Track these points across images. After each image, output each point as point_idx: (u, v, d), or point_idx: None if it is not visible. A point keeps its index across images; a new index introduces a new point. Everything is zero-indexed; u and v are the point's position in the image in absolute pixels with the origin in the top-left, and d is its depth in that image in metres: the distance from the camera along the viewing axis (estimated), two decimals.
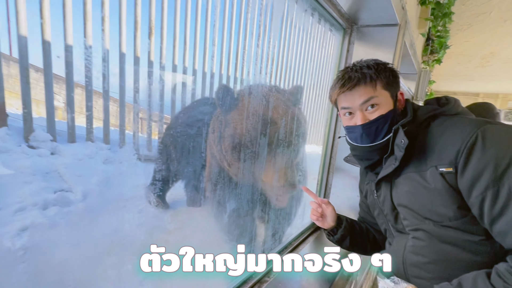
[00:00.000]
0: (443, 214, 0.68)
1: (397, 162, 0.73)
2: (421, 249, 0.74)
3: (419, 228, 0.74)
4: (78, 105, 1.05)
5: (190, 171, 1.05)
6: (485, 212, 0.61)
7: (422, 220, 0.72)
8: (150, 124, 1.31)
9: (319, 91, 1.18)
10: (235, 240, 0.86)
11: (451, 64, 4.05)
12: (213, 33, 1.20)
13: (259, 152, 0.96)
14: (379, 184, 0.83)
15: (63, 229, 0.69)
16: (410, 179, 0.73)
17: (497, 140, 0.61)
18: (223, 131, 1.00)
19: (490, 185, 0.59)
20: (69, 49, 0.88)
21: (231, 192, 0.89)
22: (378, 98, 0.74)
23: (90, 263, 0.62)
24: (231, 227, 0.87)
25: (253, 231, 0.92)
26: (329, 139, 1.20)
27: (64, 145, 1.01)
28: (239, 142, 0.95)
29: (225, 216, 0.81)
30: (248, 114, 0.97)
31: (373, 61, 0.77)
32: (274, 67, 1.14)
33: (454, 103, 0.77)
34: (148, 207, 1.10)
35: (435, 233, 0.70)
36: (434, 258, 0.72)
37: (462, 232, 0.67)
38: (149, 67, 1.17)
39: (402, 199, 0.76)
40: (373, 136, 0.76)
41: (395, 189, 0.78)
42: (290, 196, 1.05)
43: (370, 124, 0.75)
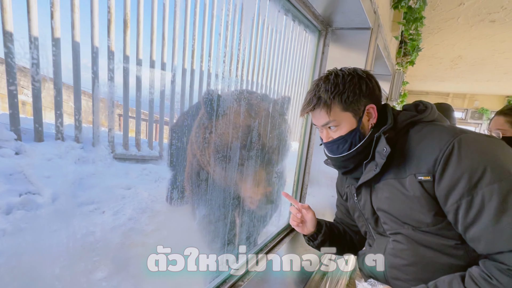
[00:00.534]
0: (421, 220, 0.71)
1: (377, 168, 0.75)
2: (401, 252, 0.77)
3: (399, 232, 0.77)
4: (47, 100, 0.99)
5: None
6: (460, 220, 0.65)
7: (401, 224, 0.75)
8: (127, 121, 1.26)
9: (295, 91, 1.20)
10: (206, 246, 0.86)
11: (423, 65, 4.27)
12: (193, 29, 1.18)
13: (235, 157, 0.96)
14: (359, 189, 0.86)
15: (29, 235, 0.65)
16: (390, 186, 0.76)
17: (471, 150, 0.64)
18: (208, 135, 0.99)
19: (465, 195, 0.62)
20: (34, 40, 0.82)
21: (206, 196, 0.88)
22: (335, 121, 0.77)
23: (59, 271, 0.59)
24: (203, 232, 0.86)
25: (226, 235, 0.92)
26: (305, 140, 1.23)
27: (31, 144, 0.95)
28: (223, 148, 0.94)
29: (195, 222, 0.81)
30: (236, 124, 0.97)
31: (334, 81, 0.77)
32: (245, 67, 1.14)
33: (431, 109, 0.80)
34: (124, 208, 1.06)
35: (414, 237, 0.74)
36: (413, 261, 0.75)
37: (439, 237, 0.70)
38: (125, 62, 1.12)
39: (382, 204, 0.79)
40: (336, 152, 0.81)
41: (375, 194, 0.81)
42: (266, 199, 1.06)
43: (331, 143, 0.80)
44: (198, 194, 0.85)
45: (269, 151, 1.02)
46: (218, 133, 0.95)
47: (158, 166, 1.43)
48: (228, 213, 0.94)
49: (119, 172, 1.20)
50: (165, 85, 1.27)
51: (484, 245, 0.62)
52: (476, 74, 4.56)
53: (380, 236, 0.86)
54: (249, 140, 0.94)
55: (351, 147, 0.78)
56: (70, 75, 1.01)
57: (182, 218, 0.92)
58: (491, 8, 2.23)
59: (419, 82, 5.97)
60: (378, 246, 0.85)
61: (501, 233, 0.59)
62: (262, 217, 1.09)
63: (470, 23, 2.57)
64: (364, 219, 0.89)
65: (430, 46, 3.31)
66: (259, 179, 0.97)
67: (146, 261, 0.68)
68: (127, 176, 1.25)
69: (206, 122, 0.99)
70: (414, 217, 0.72)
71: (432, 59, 3.93)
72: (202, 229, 0.87)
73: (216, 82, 1.09)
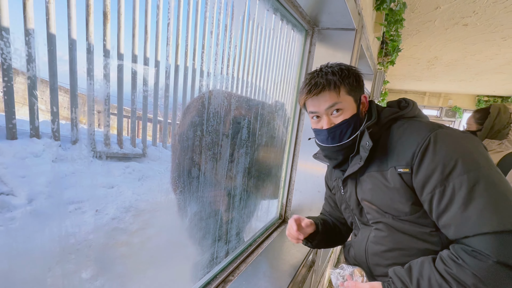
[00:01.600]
0: (400, 209, 0.76)
1: (362, 161, 0.79)
2: (381, 239, 0.82)
3: (380, 221, 0.81)
4: (20, 95, 0.93)
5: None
6: (433, 208, 0.69)
7: (383, 214, 0.80)
8: (108, 117, 1.22)
9: (282, 89, 1.21)
10: (193, 242, 0.86)
11: (403, 65, 4.45)
12: (177, 24, 1.15)
13: (225, 154, 0.96)
14: (345, 181, 0.90)
15: (3, 238, 0.61)
16: (373, 178, 0.80)
17: (446, 144, 0.68)
18: (199, 133, 0.98)
19: (438, 185, 0.67)
20: (5, 31, 0.77)
21: (197, 193, 0.87)
22: (342, 104, 0.79)
23: (38, 273, 0.57)
24: (193, 231, 0.86)
25: (216, 232, 0.92)
26: (292, 137, 1.25)
27: (3, 142, 0.89)
28: (214, 145, 0.94)
29: (186, 219, 0.80)
30: (226, 121, 0.96)
31: (338, 66, 0.82)
32: (236, 65, 1.13)
33: (412, 106, 0.85)
34: (106, 208, 1.02)
35: (393, 225, 0.79)
36: (392, 247, 0.80)
37: (416, 225, 0.75)
38: (105, 56, 1.08)
39: (366, 195, 0.83)
40: (338, 139, 0.82)
41: (360, 186, 0.85)
42: (255, 194, 1.07)
43: (335, 128, 0.81)
44: (189, 191, 0.84)
45: (258, 148, 1.03)
46: (209, 131, 0.95)
47: (142, 164, 1.40)
48: (218, 210, 0.94)
49: (101, 170, 1.16)
50: (148, 81, 1.24)
51: (453, 231, 0.67)
52: (450, 74, 4.82)
53: (364, 226, 0.90)
54: (238, 137, 0.95)
55: (352, 133, 0.80)
56: (45, 68, 0.96)
57: (169, 216, 0.91)
58: (464, 12, 2.37)
59: (399, 81, 6.21)
60: (362, 235, 0.90)
61: (468, 220, 0.63)
62: (250, 212, 1.10)
63: (445, 26, 2.71)
64: (350, 210, 0.93)
65: (409, 47, 3.45)
66: (248, 175, 0.97)
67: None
68: (109, 174, 1.21)
69: (197, 120, 0.98)
70: (394, 206, 0.77)
71: (410, 59, 4.11)
72: (192, 226, 0.87)
73: (201, 79, 1.08)
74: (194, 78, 1.16)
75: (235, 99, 1.04)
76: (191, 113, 1.05)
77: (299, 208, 1.30)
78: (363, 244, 0.88)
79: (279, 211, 1.35)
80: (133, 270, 0.81)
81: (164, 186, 0.97)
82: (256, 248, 1.04)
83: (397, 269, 0.75)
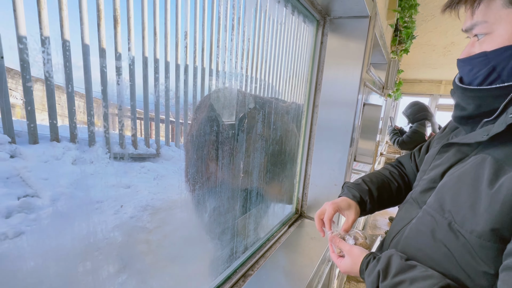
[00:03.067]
0: (472, 221, 0.49)
1: (486, 136, 0.51)
2: (417, 234, 0.60)
3: (432, 215, 0.57)
4: (38, 102, 0.97)
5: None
6: None
7: (442, 210, 0.55)
8: (122, 120, 1.25)
9: (295, 82, 1.19)
10: (217, 238, 0.87)
11: (417, 53, 4.28)
12: (185, 25, 1.15)
13: (241, 148, 0.96)
14: (447, 148, 0.64)
15: (30, 237, 0.64)
16: (479, 167, 0.52)
17: None
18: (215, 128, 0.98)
19: None
20: (22, 40, 0.80)
21: (215, 188, 0.88)
22: (484, 26, 0.50)
23: (63, 271, 0.59)
24: (211, 226, 0.87)
25: (235, 227, 0.93)
26: (306, 130, 1.23)
27: (26, 147, 0.93)
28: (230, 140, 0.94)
29: (205, 215, 0.81)
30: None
31: None
32: (249, 60, 1.12)
33: None
34: (124, 207, 1.05)
35: (441, 232, 0.54)
36: (424, 254, 0.57)
37: (474, 253, 0.49)
38: (117, 59, 1.10)
39: (451, 180, 0.57)
40: (468, 79, 0.56)
41: (456, 166, 0.58)
42: (272, 188, 1.07)
43: (463, 61, 0.56)
44: (207, 186, 0.85)
45: (273, 143, 1.02)
46: (223, 126, 0.94)
47: (156, 164, 1.43)
48: (235, 205, 0.94)
49: (118, 171, 1.19)
50: (159, 82, 1.25)
51: None
52: None
53: (414, 203, 0.67)
54: (253, 131, 0.94)
55: (491, 78, 0.51)
56: (61, 75, 0.99)
57: (185, 213, 0.93)
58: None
59: (413, 71, 5.99)
60: (406, 213, 0.68)
61: None
62: (267, 207, 1.10)
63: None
64: (421, 179, 0.69)
65: (424, 34, 3.31)
66: (265, 170, 0.97)
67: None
68: (126, 175, 1.24)
69: (213, 115, 0.99)
70: (467, 214, 0.50)
71: (425, 46, 3.94)
72: (210, 222, 0.88)
73: (211, 77, 1.08)
74: (203, 77, 1.17)
75: (249, 94, 1.03)
76: (203, 111, 1.05)
77: (316, 203, 1.28)
78: (401, 224, 0.67)
79: (295, 205, 1.34)
80: (153, 267, 0.83)
81: (178, 184, 0.98)
82: (274, 243, 1.04)
83: (396, 257, 0.57)
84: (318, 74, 1.20)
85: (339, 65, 1.13)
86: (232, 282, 0.80)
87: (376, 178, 0.87)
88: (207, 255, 0.83)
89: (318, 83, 1.20)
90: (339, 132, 1.15)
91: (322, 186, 1.22)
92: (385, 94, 2.02)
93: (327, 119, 1.19)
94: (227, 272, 0.81)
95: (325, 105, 1.19)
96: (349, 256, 0.66)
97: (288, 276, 0.85)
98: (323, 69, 1.18)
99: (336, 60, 1.14)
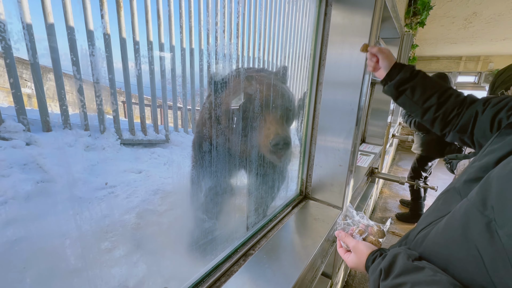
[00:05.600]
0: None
1: None
2: (448, 232, 0.51)
3: (471, 211, 0.48)
4: (50, 91, 0.99)
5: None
6: None
7: (484, 206, 0.46)
8: (131, 107, 1.26)
9: (297, 59, 1.14)
10: (214, 218, 0.89)
11: (434, 26, 4.01)
12: (189, 5, 1.12)
13: (238, 127, 0.95)
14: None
15: (49, 220, 0.68)
16: None
17: None
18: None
19: None
20: (28, 28, 0.80)
21: (211, 167, 0.89)
22: None
23: (81, 251, 0.63)
24: (209, 205, 0.88)
25: (235, 207, 0.94)
26: (310, 110, 1.20)
27: (40, 135, 0.97)
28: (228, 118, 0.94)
29: (200, 194, 0.83)
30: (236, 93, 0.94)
31: None
32: (252, 39, 1.09)
33: None
34: (136, 191, 1.09)
35: (476, 233, 0.46)
36: (450, 253, 0.50)
37: (507, 262, 0.41)
38: (122, 45, 1.10)
39: (504, 169, 0.47)
40: None
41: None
42: (275, 164, 1.06)
43: None
44: (204, 165, 0.85)
45: (272, 122, 1.00)
46: (223, 103, 0.93)
47: (166, 149, 1.45)
48: (236, 184, 0.95)
49: (129, 157, 1.22)
50: (165, 68, 1.25)
51: None
52: (492, 32, 4.26)
53: (456, 194, 0.58)
54: (250, 109, 0.92)
55: None
56: (70, 63, 1.00)
57: (193, 197, 0.95)
58: None
59: (429, 47, 5.65)
60: (443, 205, 0.60)
61: None
62: (270, 188, 1.10)
63: None
64: (470, 166, 0.59)
65: (442, 4, 3.07)
66: (264, 146, 0.96)
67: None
68: (137, 160, 1.27)
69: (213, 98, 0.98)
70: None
71: (443, 18, 3.67)
72: (210, 201, 0.90)
73: (217, 60, 1.06)
74: (208, 61, 1.15)
75: (246, 70, 1.01)
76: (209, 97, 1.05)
77: (320, 184, 1.27)
78: (434, 215, 0.59)
79: (299, 187, 1.34)
80: (164, 248, 0.87)
81: (187, 168, 1.00)
82: (276, 224, 1.06)
83: (402, 256, 0.52)
84: (322, 49, 1.14)
85: (344, 39, 1.06)
86: (232, 261, 0.82)
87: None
88: (208, 235, 0.85)
89: (322, 58, 1.14)
90: (344, 111, 1.11)
91: (327, 167, 1.21)
92: None
93: (332, 98, 1.14)
94: (228, 251, 0.83)
95: (329, 83, 1.14)
96: (354, 252, 0.67)
97: (289, 256, 0.87)
98: (327, 43, 1.11)
99: (340, 33, 1.07)
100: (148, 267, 0.76)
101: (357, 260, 0.65)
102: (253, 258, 0.84)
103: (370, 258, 0.62)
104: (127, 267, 0.77)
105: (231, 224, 0.90)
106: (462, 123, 0.77)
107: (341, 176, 1.19)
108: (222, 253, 0.81)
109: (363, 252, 0.64)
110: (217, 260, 0.80)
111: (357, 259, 0.66)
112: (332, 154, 1.17)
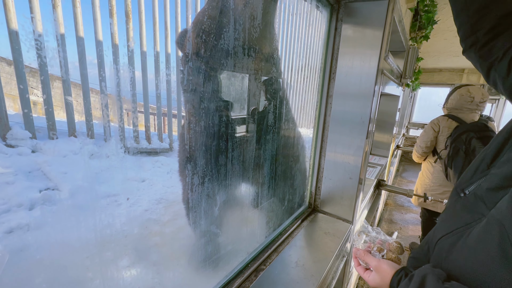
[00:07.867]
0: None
1: None
2: (481, 248, 0.48)
3: (505, 227, 0.44)
4: (57, 99, 1.00)
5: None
6: None
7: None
8: (136, 115, 1.27)
9: (307, 72, 1.15)
10: (227, 233, 0.87)
11: (438, 40, 4.05)
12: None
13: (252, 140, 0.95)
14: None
15: (51, 229, 0.67)
16: None
17: None
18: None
19: None
20: (39, 38, 0.82)
21: (225, 181, 0.88)
22: None
23: (83, 261, 0.61)
24: (222, 220, 0.86)
25: (246, 221, 0.92)
26: (319, 122, 1.19)
27: (45, 142, 0.97)
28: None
29: (215, 208, 0.81)
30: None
31: None
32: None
33: None
34: (139, 200, 1.08)
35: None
36: (485, 273, 0.46)
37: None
38: (129, 55, 1.12)
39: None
40: None
41: None
42: (282, 182, 1.05)
43: None
44: (217, 179, 0.84)
45: (284, 134, 1.00)
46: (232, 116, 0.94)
47: (170, 158, 1.45)
48: (246, 198, 0.94)
49: (133, 165, 1.22)
50: (170, 77, 1.26)
51: None
52: None
53: (479, 201, 0.54)
54: (264, 122, 0.92)
55: None
56: (77, 72, 1.02)
57: (198, 207, 0.93)
58: None
59: (432, 59, 5.69)
60: (464, 211, 0.56)
61: None
62: (279, 201, 1.08)
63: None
64: (489, 173, 0.55)
65: (446, 18, 3.11)
66: (276, 162, 0.95)
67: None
68: (140, 169, 1.26)
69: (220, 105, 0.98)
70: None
71: (447, 32, 3.72)
72: (221, 215, 0.88)
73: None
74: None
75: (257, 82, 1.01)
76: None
77: (330, 196, 1.24)
78: (458, 223, 0.55)
79: (308, 200, 1.31)
80: (167, 259, 0.85)
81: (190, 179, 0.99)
82: (286, 238, 1.03)
83: (431, 278, 0.50)
84: (332, 62, 1.15)
85: (355, 52, 1.07)
86: (244, 277, 0.79)
87: None
88: (219, 249, 0.83)
89: (332, 71, 1.15)
90: (354, 123, 1.10)
91: (337, 180, 1.19)
92: (403, 83, 1.92)
93: (342, 110, 1.14)
94: (239, 267, 0.81)
95: (339, 95, 1.14)
96: (376, 272, 0.64)
97: (301, 272, 0.84)
98: (337, 57, 1.12)
99: (351, 47, 1.08)
100: (152, 277, 0.73)
101: (380, 280, 0.63)
102: (264, 273, 0.82)
103: (394, 279, 0.59)
104: (130, 277, 0.74)
105: (241, 238, 0.88)
106: None
107: (351, 189, 1.17)
108: (234, 269, 0.79)
109: (387, 272, 0.61)
110: (228, 277, 0.77)
111: (380, 279, 0.63)
112: (342, 167, 1.15)
